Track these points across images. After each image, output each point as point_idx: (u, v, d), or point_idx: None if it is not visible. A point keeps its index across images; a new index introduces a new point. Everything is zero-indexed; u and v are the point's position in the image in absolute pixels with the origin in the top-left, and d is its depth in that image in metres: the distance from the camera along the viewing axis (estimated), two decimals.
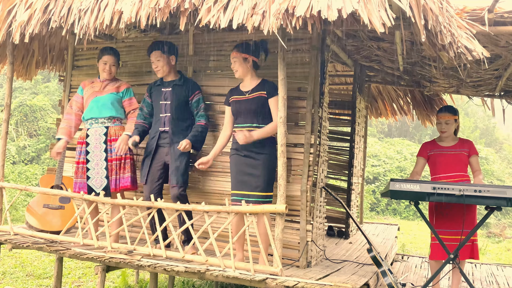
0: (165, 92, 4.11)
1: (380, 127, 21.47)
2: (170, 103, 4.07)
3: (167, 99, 4.09)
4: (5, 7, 3.96)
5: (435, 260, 3.91)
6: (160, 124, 4.09)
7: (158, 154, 4.07)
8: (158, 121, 4.10)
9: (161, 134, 4.07)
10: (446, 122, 4.02)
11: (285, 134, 3.35)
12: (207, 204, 3.71)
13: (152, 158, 4.06)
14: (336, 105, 6.25)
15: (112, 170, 4.13)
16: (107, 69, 4.24)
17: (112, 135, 4.19)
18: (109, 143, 4.17)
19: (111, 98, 4.23)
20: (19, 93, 15.35)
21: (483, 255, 8.80)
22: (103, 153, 4.15)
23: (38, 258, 6.77)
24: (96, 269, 3.66)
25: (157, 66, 4.08)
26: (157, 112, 4.15)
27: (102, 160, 4.14)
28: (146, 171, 4.06)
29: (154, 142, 4.08)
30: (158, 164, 4.05)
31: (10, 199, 7.64)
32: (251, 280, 3.19)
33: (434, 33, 2.93)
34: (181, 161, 3.96)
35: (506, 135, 23.84)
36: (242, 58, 3.72)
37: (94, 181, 4.14)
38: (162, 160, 4.06)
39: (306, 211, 3.81)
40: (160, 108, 4.11)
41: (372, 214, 14.63)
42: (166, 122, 4.07)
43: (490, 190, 3.18)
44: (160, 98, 4.12)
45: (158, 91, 4.16)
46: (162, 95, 4.11)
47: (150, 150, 4.08)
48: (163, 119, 4.08)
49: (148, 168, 4.06)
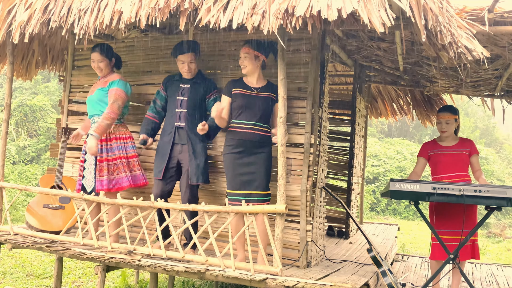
0: (183, 88, 4.07)
1: (380, 127, 21.47)
2: (187, 99, 4.02)
3: (184, 95, 4.04)
4: (5, 7, 3.96)
5: (436, 260, 3.91)
6: (175, 119, 4.03)
7: (174, 151, 4.01)
8: (173, 116, 4.04)
9: (178, 130, 4.01)
10: (447, 121, 4.02)
11: (285, 134, 3.35)
12: (207, 204, 3.71)
13: (170, 154, 3.98)
14: (336, 105, 6.25)
15: (102, 171, 4.07)
16: (96, 67, 4.24)
17: (107, 135, 4.15)
18: (99, 143, 4.10)
19: (98, 94, 4.21)
20: (19, 93, 15.35)
21: (483, 255, 8.79)
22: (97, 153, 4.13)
23: (38, 258, 6.77)
24: (96, 269, 3.66)
25: (189, 68, 4.04)
26: (172, 107, 4.09)
27: (94, 160, 4.13)
28: (163, 167, 3.97)
29: (171, 138, 4.00)
30: (173, 162, 4.00)
31: (10, 199, 7.64)
32: (251, 280, 3.19)
33: (434, 33, 2.93)
34: (201, 159, 3.92)
35: (506, 135, 23.84)
36: (254, 55, 3.70)
37: (87, 181, 4.15)
38: (176, 158, 4.00)
39: (306, 211, 3.81)
40: (175, 103, 4.05)
41: (372, 214, 14.63)
42: (182, 118, 4.01)
43: (490, 190, 3.18)
44: (177, 93, 4.07)
45: (176, 86, 4.11)
46: (180, 90, 4.07)
47: (167, 146, 4.00)
48: (178, 114, 4.03)
49: (165, 163, 3.97)
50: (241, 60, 3.74)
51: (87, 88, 4.90)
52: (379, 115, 7.64)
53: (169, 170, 4.00)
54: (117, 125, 4.22)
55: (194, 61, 4.05)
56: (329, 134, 5.71)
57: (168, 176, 4.00)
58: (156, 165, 4.04)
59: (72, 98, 5.04)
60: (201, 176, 3.90)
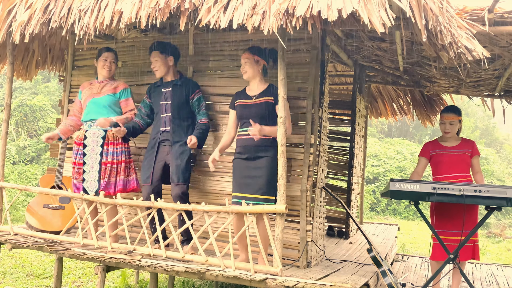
0: (165, 92, 4.13)
1: (380, 127, 21.47)
2: (171, 102, 4.08)
3: (167, 99, 4.10)
4: (5, 7, 3.96)
5: (436, 261, 3.91)
6: (161, 124, 4.10)
7: (159, 154, 4.08)
8: (159, 122, 4.12)
9: (162, 134, 4.08)
10: (451, 122, 4.00)
11: (285, 134, 3.35)
12: (207, 204, 3.71)
13: (155, 159, 4.07)
14: (336, 105, 6.25)
15: (105, 174, 4.09)
16: (107, 65, 4.25)
17: (110, 139, 4.15)
18: (105, 147, 4.13)
19: (108, 100, 4.22)
20: (19, 93, 15.34)
21: (483, 255, 8.79)
22: (98, 156, 4.12)
23: (38, 258, 6.77)
24: (96, 269, 3.66)
25: (155, 66, 4.13)
26: (157, 113, 4.16)
27: (97, 163, 4.13)
28: (150, 172, 4.05)
29: (156, 142, 4.09)
30: (159, 164, 4.06)
31: (10, 199, 7.64)
32: (251, 280, 3.19)
33: (434, 33, 2.93)
34: (182, 159, 3.97)
35: (506, 135, 23.82)
36: (254, 60, 3.71)
37: (88, 184, 4.14)
38: (163, 160, 4.07)
39: (306, 211, 3.81)
40: (160, 109, 4.12)
41: (372, 214, 14.63)
42: (167, 122, 4.08)
43: (490, 190, 3.18)
44: (161, 99, 4.13)
45: (158, 92, 4.17)
46: (162, 95, 4.13)
47: (152, 150, 4.09)
48: (163, 119, 4.09)
49: (152, 168, 4.05)
50: (242, 66, 3.76)
51: None
52: (379, 115, 7.65)
53: (156, 173, 4.06)
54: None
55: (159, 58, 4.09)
56: (329, 134, 5.71)
57: (155, 180, 4.06)
58: (143, 172, 4.11)
59: (72, 98, 5.04)
60: (181, 175, 3.94)
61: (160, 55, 4.10)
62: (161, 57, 4.10)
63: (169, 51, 4.13)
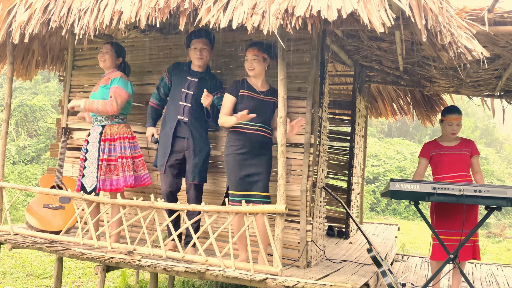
0: (190, 81, 3.98)
1: (380, 127, 21.47)
2: (193, 94, 3.95)
3: (190, 89, 3.96)
4: (5, 7, 3.97)
5: (436, 261, 3.91)
6: (178, 112, 3.95)
7: (177, 145, 3.94)
8: (177, 108, 3.96)
9: (180, 124, 3.95)
10: (458, 123, 4.00)
11: (285, 134, 3.35)
12: (207, 204, 3.71)
13: (171, 148, 3.93)
14: (336, 105, 6.24)
15: (101, 170, 4.07)
16: (100, 56, 4.24)
17: (107, 135, 4.13)
18: (102, 143, 4.11)
19: (101, 92, 4.18)
20: (19, 93, 15.34)
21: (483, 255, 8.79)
22: (96, 152, 4.12)
23: (38, 258, 6.77)
24: (96, 269, 3.66)
25: (201, 55, 3.95)
26: (175, 98, 4.00)
27: (96, 159, 4.13)
28: (164, 161, 3.94)
29: (172, 131, 3.94)
30: (178, 156, 3.94)
31: (10, 199, 7.64)
32: (251, 280, 3.19)
33: (434, 33, 2.93)
34: (200, 157, 3.90)
35: (506, 135, 23.82)
36: (262, 58, 3.68)
37: (87, 180, 4.14)
38: (182, 153, 3.94)
39: (306, 211, 3.81)
40: (180, 96, 3.97)
41: (372, 214, 14.62)
42: (185, 112, 3.94)
43: (490, 190, 3.18)
44: (183, 86, 3.99)
45: (182, 77, 4.02)
46: (186, 83, 3.99)
47: (168, 139, 3.94)
48: (182, 107, 3.95)
49: (167, 157, 3.93)
50: (248, 62, 3.66)
51: (87, 88, 4.90)
52: (379, 115, 7.65)
53: (174, 166, 3.96)
54: (121, 125, 4.20)
55: (207, 48, 3.96)
56: (329, 134, 5.71)
57: (173, 171, 3.96)
58: (159, 157, 4.01)
59: (72, 98, 5.04)
60: (197, 175, 3.89)
61: (208, 45, 3.97)
62: (208, 47, 3.99)
63: (213, 43, 4.04)
